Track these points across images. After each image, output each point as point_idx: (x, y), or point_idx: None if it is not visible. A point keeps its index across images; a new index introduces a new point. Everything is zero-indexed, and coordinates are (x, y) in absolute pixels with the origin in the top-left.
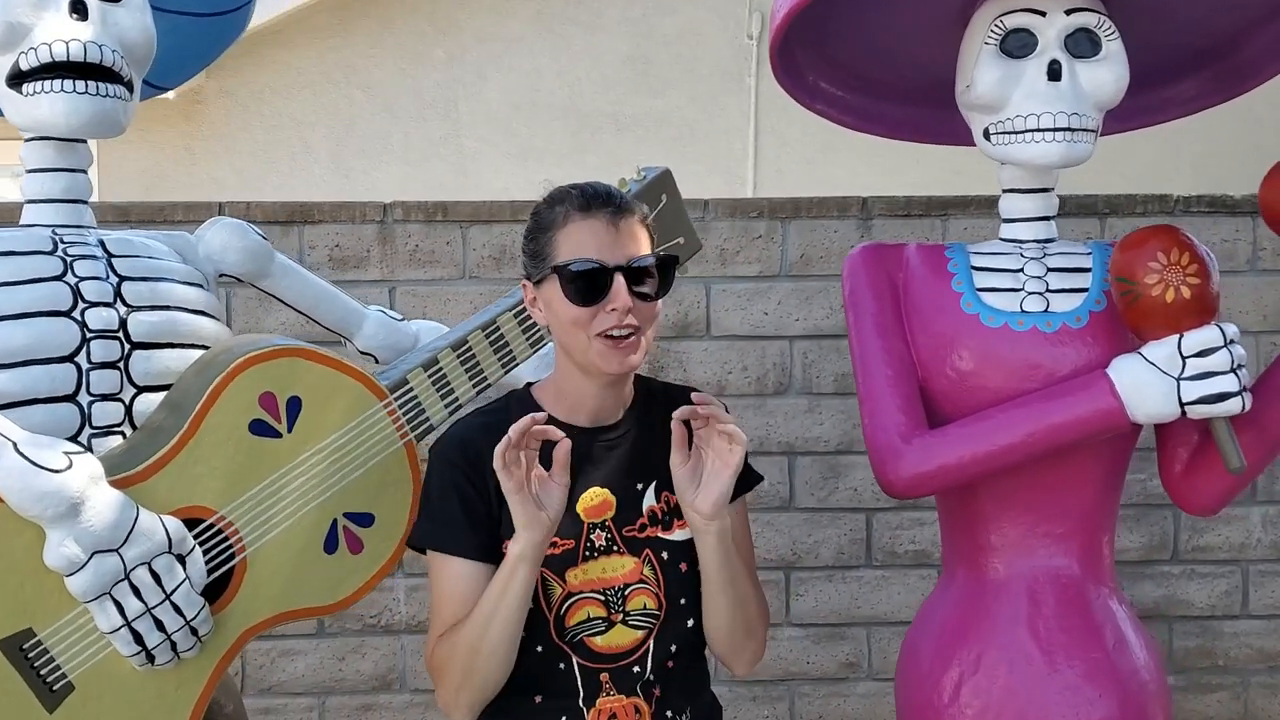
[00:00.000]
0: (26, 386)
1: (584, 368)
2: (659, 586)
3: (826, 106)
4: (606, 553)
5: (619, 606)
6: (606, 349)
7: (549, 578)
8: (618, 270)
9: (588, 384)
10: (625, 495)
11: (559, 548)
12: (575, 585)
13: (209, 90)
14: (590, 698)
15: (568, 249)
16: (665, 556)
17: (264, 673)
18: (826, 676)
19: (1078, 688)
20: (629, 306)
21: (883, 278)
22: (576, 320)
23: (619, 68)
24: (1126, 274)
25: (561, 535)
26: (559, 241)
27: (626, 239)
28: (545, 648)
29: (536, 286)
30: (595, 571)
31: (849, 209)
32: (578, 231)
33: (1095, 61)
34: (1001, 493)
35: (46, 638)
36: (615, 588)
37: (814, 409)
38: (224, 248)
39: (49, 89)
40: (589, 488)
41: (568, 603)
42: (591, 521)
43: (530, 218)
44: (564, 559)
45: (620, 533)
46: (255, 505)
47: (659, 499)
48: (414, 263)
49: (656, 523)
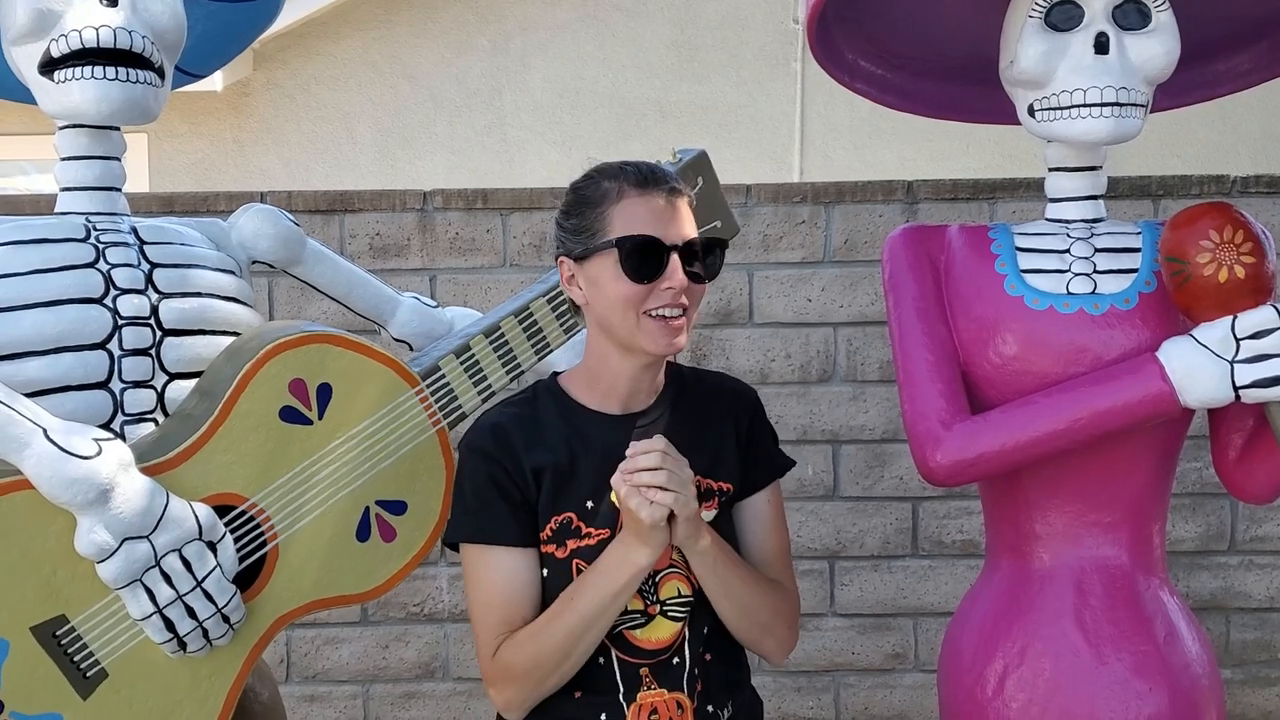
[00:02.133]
0: (59, 374)
1: (627, 347)
2: (688, 569)
3: (866, 85)
4: None
5: (653, 596)
6: (656, 328)
7: (583, 568)
8: (674, 249)
9: (625, 366)
10: None
11: (594, 537)
12: None
13: (256, 82)
14: (631, 692)
15: (623, 224)
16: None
17: (309, 660)
18: (872, 668)
19: (1126, 681)
20: (685, 285)
21: (924, 259)
22: (629, 298)
23: (663, 54)
24: (1177, 253)
25: (594, 524)
26: (613, 217)
27: (682, 219)
28: None
29: (578, 262)
30: None
31: (894, 193)
32: (635, 207)
33: (1144, 33)
34: (1047, 480)
35: (79, 624)
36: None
37: (859, 397)
38: (256, 234)
39: (80, 75)
40: None
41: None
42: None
43: (570, 193)
44: (598, 549)
45: None
46: (287, 492)
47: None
48: (454, 251)
49: None
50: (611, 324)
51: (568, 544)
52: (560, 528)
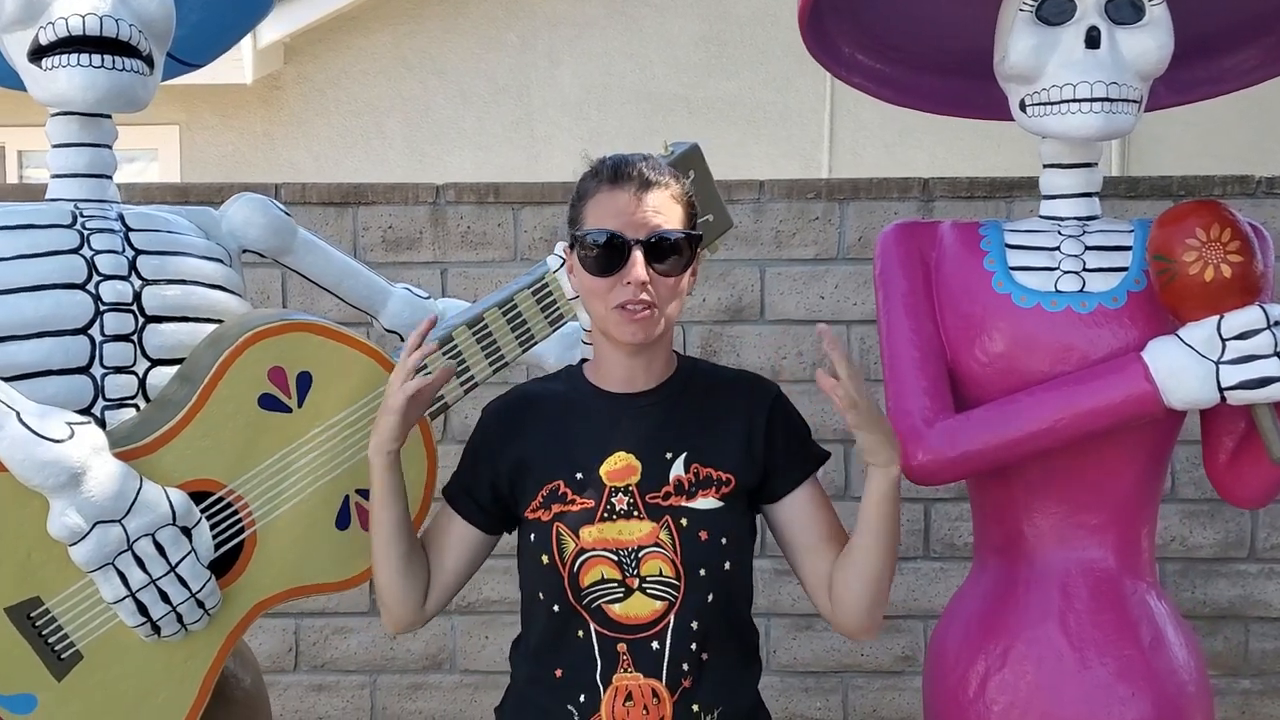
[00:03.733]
0: (40, 358)
1: (606, 335)
2: (675, 552)
3: (863, 79)
4: (626, 516)
5: (633, 570)
6: (621, 319)
7: (564, 532)
8: (637, 243)
9: (613, 351)
10: (652, 462)
11: (578, 505)
12: (588, 542)
13: (287, 76)
14: (607, 672)
15: (592, 219)
16: (684, 523)
17: (317, 650)
18: (881, 669)
19: (1109, 686)
20: (643, 280)
21: (914, 256)
22: (593, 290)
23: (691, 50)
24: (1164, 251)
25: (582, 494)
26: (587, 211)
27: (650, 212)
28: (561, 608)
29: (571, 252)
30: (611, 532)
31: (910, 190)
32: (604, 202)
33: (1137, 28)
34: (1033, 480)
35: (54, 606)
36: (629, 549)
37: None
38: (245, 223)
39: (67, 63)
40: (614, 451)
41: (580, 559)
42: (614, 485)
43: (578, 182)
44: (581, 515)
45: (643, 499)
46: (265, 480)
47: (688, 469)
48: (466, 244)
49: (682, 492)
50: (590, 312)
51: (552, 508)
52: (549, 494)
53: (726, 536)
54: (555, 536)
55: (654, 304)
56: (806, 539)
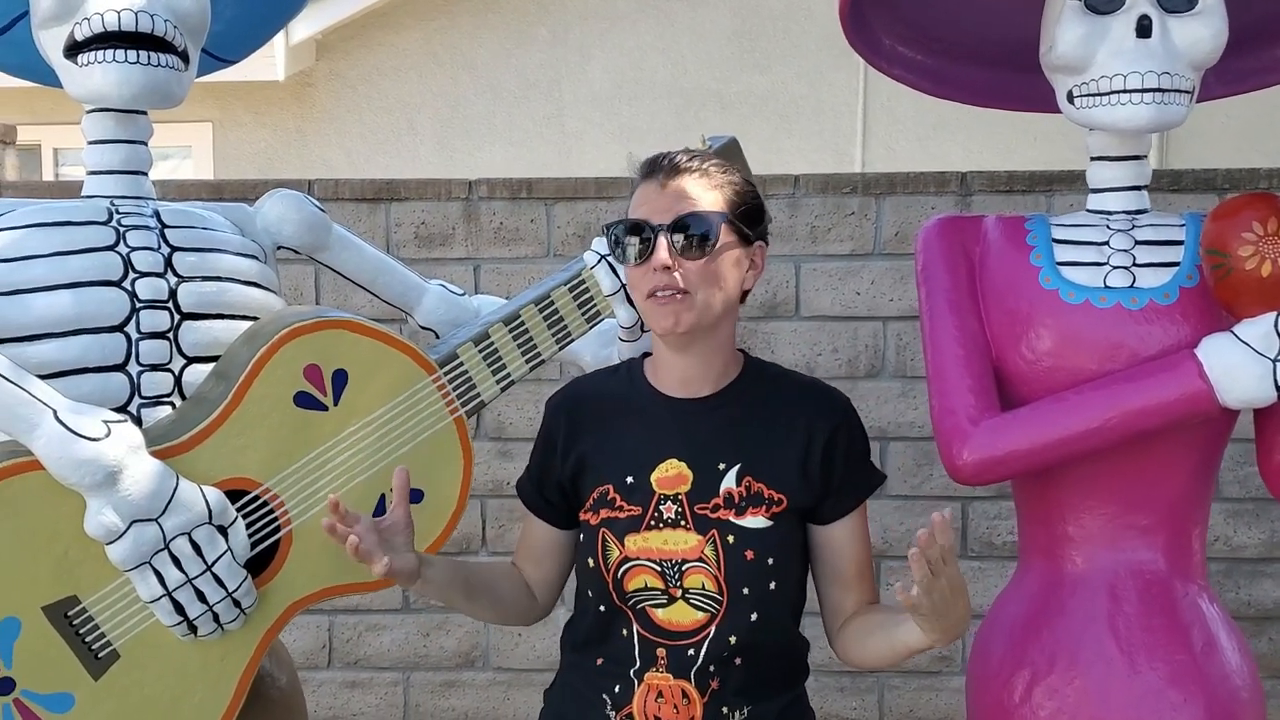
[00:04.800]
0: (76, 355)
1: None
2: (718, 569)
3: (904, 71)
4: (673, 526)
5: (676, 581)
6: (652, 307)
7: (609, 539)
8: (661, 229)
9: (665, 349)
10: (704, 472)
11: (625, 512)
12: (632, 551)
13: (319, 73)
14: (643, 670)
15: (632, 210)
16: (731, 540)
17: (350, 646)
18: (918, 670)
19: (1161, 691)
20: (665, 264)
21: (958, 251)
22: (632, 282)
23: (723, 44)
24: (1218, 245)
25: (630, 501)
26: (633, 202)
27: (675, 198)
28: (607, 608)
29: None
30: (656, 541)
31: (947, 184)
32: (637, 195)
33: (1190, 16)
34: (1081, 480)
35: (91, 605)
36: (672, 561)
37: (907, 393)
38: (280, 219)
39: (102, 59)
40: (666, 458)
41: (624, 567)
42: (663, 493)
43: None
44: (627, 523)
45: (692, 509)
46: (301, 478)
47: (739, 483)
48: (498, 240)
49: (731, 506)
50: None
51: (601, 512)
52: (599, 497)
53: (774, 557)
54: (601, 542)
55: (685, 290)
56: (838, 571)
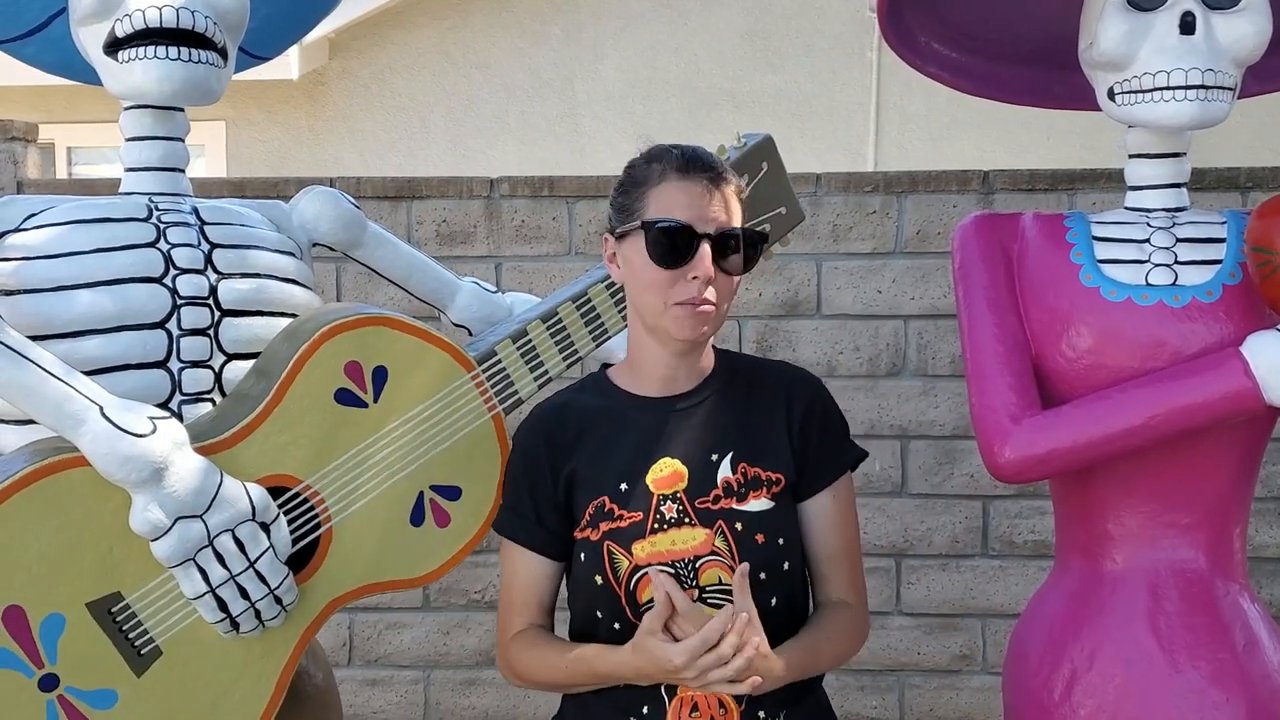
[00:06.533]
0: (118, 352)
1: (653, 331)
2: (733, 559)
3: (939, 69)
4: (677, 525)
5: (691, 581)
6: (681, 315)
7: (615, 551)
8: (705, 237)
9: (658, 350)
10: (699, 466)
11: (626, 520)
12: (642, 558)
13: (332, 71)
14: (672, 685)
15: (658, 207)
16: (739, 528)
17: (371, 644)
18: (938, 669)
19: (1202, 690)
20: (710, 276)
21: (996, 248)
22: (655, 282)
23: (737, 43)
24: (1264, 243)
25: (627, 507)
26: (650, 199)
27: (719, 207)
28: (622, 625)
29: (619, 241)
30: (664, 544)
31: (969, 183)
32: (672, 191)
33: (1234, 12)
34: (1121, 479)
35: (134, 602)
36: (685, 560)
37: (929, 392)
38: (317, 216)
39: (143, 55)
40: (659, 458)
41: (636, 577)
42: (661, 493)
43: (624, 172)
44: (631, 531)
45: (692, 505)
46: (341, 475)
47: (735, 470)
48: (520, 238)
49: (731, 494)
50: (640, 306)
51: (600, 526)
52: (595, 511)
53: (783, 537)
54: (607, 555)
55: (718, 303)
56: (812, 554)
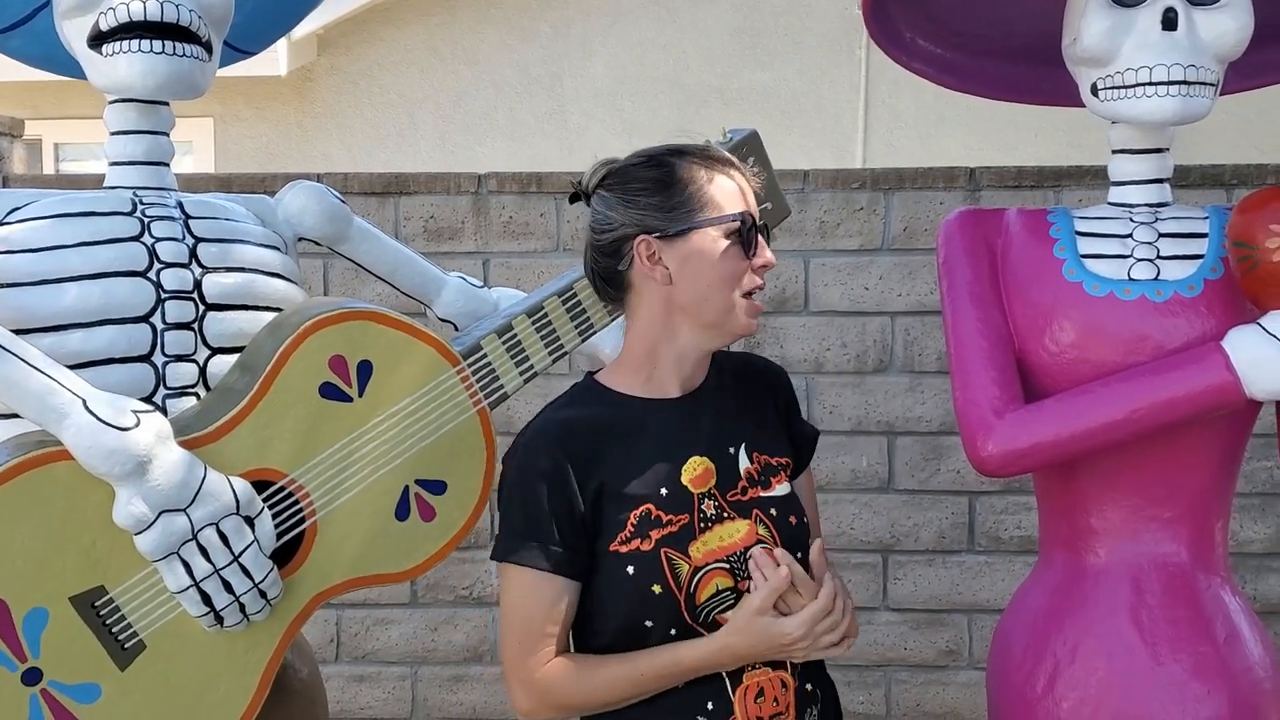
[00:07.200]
0: (102, 346)
1: (715, 326)
2: (777, 544)
3: (925, 65)
4: (718, 520)
5: (744, 573)
6: (749, 307)
7: (674, 557)
8: (764, 228)
9: (699, 348)
10: (722, 460)
11: (675, 524)
12: (700, 559)
13: (320, 68)
14: (735, 675)
15: (727, 202)
16: (774, 513)
17: (358, 640)
18: (925, 664)
19: (1184, 683)
20: (774, 264)
21: (980, 243)
22: (733, 277)
23: (726, 40)
24: (1245, 238)
25: (674, 511)
26: (712, 194)
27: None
28: (679, 631)
29: (667, 240)
30: (714, 541)
31: (956, 179)
32: (729, 185)
33: (1216, 9)
34: (1104, 473)
35: (118, 596)
36: (738, 553)
37: (915, 388)
38: (302, 210)
39: (127, 49)
40: (689, 457)
41: (696, 578)
42: (699, 492)
43: (653, 169)
44: (683, 534)
45: (725, 499)
46: (326, 469)
47: (752, 460)
48: (508, 235)
49: (755, 483)
50: (705, 302)
51: (651, 535)
52: (640, 520)
53: (804, 516)
54: (666, 563)
55: None
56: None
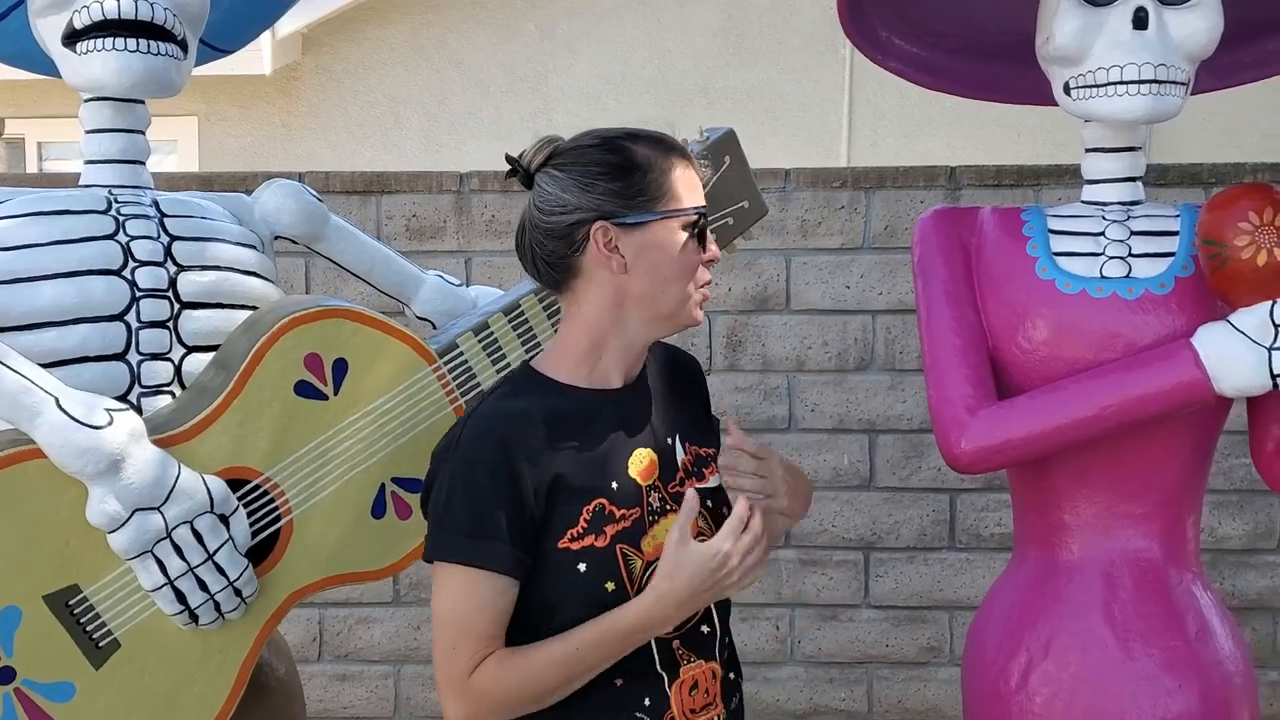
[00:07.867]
0: (76, 344)
1: (669, 319)
2: (712, 534)
3: (900, 64)
4: (663, 514)
5: None
6: (701, 299)
7: (629, 552)
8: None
9: (647, 339)
10: (663, 451)
11: (628, 519)
12: (650, 553)
13: (305, 67)
14: (670, 669)
15: (687, 194)
16: (710, 504)
17: (341, 639)
18: (906, 660)
19: (1155, 677)
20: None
21: (954, 242)
22: (690, 269)
23: (710, 40)
24: (1214, 235)
25: (625, 505)
26: (673, 184)
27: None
28: None
29: (626, 229)
30: (661, 534)
31: (936, 178)
32: (688, 178)
33: (1186, 8)
34: (1077, 469)
35: (92, 594)
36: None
37: (896, 386)
38: (278, 209)
39: (101, 47)
40: (635, 450)
41: (647, 573)
42: (646, 484)
43: (613, 154)
44: (635, 529)
45: (668, 490)
46: (302, 467)
47: (686, 451)
48: (490, 233)
49: (690, 474)
50: (661, 295)
51: (606, 530)
52: (594, 516)
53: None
54: (621, 559)
55: None
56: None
